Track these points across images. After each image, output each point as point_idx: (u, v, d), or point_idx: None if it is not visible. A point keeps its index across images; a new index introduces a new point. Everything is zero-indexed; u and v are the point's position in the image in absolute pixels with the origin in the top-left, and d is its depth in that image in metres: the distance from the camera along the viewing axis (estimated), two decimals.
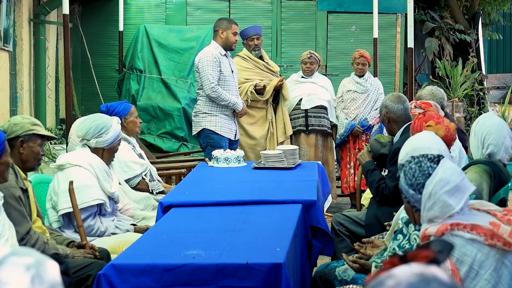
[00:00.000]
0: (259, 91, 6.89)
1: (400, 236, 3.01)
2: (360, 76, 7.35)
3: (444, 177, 2.45)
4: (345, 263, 3.63)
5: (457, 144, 4.63)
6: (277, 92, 7.08)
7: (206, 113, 6.27)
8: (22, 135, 3.61)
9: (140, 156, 5.24)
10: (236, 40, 6.38)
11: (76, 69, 9.60)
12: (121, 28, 9.27)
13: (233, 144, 6.37)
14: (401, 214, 3.25)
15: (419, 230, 2.91)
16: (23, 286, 1.37)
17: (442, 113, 4.81)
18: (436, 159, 2.53)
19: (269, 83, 6.95)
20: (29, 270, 1.40)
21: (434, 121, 3.66)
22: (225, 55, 6.30)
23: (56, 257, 1.50)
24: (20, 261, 1.42)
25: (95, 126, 4.29)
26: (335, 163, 7.46)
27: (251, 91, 6.86)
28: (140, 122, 5.34)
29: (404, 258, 1.49)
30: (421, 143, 3.04)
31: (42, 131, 3.69)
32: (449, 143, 3.67)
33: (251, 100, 6.89)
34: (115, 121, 4.42)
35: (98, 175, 4.22)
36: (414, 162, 2.54)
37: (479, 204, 2.55)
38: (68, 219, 4.14)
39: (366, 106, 7.31)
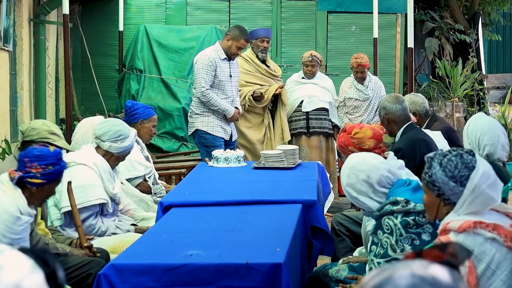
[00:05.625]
0: (257, 98, 6.86)
1: (373, 247, 3.03)
2: (361, 82, 7.29)
3: (485, 171, 2.42)
4: (338, 264, 3.64)
5: (441, 143, 4.66)
6: (276, 97, 7.04)
7: (198, 114, 6.26)
8: (36, 141, 3.62)
9: (147, 158, 5.24)
10: (238, 54, 6.32)
11: (76, 69, 9.60)
12: (121, 28, 9.27)
13: (229, 145, 6.34)
14: (367, 228, 3.30)
15: (387, 232, 2.92)
16: None
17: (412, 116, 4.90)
18: (472, 152, 2.48)
19: (268, 89, 6.90)
20: None
21: (357, 128, 3.81)
22: (225, 58, 6.27)
23: (43, 257, 1.46)
24: None
25: (115, 130, 4.30)
26: (336, 163, 7.45)
27: (249, 98, 6.83)
28: (155, 133, 5.38)
29: (419, 256, 1.48)
30: (354, 159, 3.16)
31: (58, 142, 3.69)
32: (380, 139, 3.80)
33: (248, 105, 6.87)
34: (133, 133, 4.44)
35: (102, 175, 4.22)
36: (453, 154, 2.47)
37: (499, 206, 2.53)
38: (70, 217, 4.14)
39: (370, 113, 7.29)
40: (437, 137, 4.78)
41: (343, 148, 3.82)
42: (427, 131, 4.86)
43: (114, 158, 4.35)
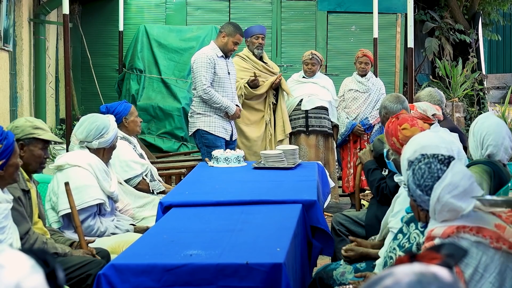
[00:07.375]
0: (252, 83, 6.85)
1: (400, 236, 3.01)
2: (362, 76, 7.36)
3: (453, 181, 2.41)
4: (341, 264, 3.63)
5: (456, 145, 4.62)
6: (277, 91, 7.05)
7: (200, 113, 6.26)
8: (22, 139, 3.60)
9: (141, 156, 5.23)
10: (235, 49, 6.35)
11: (76, 69, 9.60)
12: (121, 28, 9.27)
13: (229, 145, 6.35)
14: (389, 224, 3.25)
15: (419, 229, 2.91)
16: None
17: (431, 112, 4.78)
18: (447, 161, 2.47)
19: (266, 82, 6.91)
20: None
21: (409, 124, 3.55)
22: (222, 56, 6.28)
23: (43, 257, 1.47)
24: None
25: (96, 127, 4.29)
26: (336, 163, 7.46)
27: (244, 85, 6.82)
28: (141, 121, 5.35)
29: (413, 258, 1.48)
30: (429, 141, 2.97)
31: (44, 135, 3.65)
32: None
33: (248, 99, 6.86)
34: (112, 119, 4.43)
35: (98, 174, 4.22)
36: (424, 162, 2.49)
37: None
38: (68, 219, 4.14)
39: (368, 106, 7.31)
40: (454, 139, 4.72)
41: (388, 134, 3.58)
42: (446, 131, 4.82)
43: (108, 151, 4.37)
